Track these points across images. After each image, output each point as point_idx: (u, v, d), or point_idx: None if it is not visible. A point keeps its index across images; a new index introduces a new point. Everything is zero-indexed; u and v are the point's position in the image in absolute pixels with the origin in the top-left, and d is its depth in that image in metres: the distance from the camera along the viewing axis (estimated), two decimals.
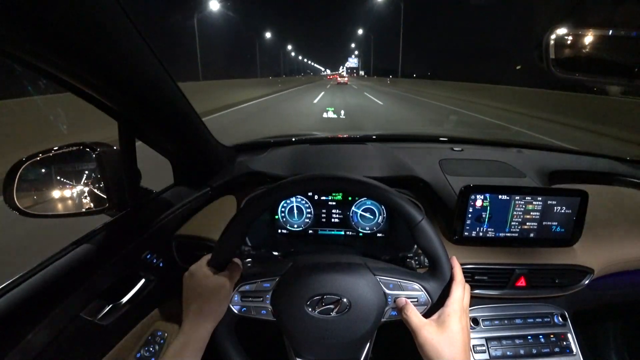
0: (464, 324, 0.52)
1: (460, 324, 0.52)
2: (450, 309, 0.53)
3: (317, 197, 0.96)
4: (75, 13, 0.41)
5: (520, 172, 0.95)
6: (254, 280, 0.58)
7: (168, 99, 0.67)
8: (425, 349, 0.50)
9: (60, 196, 0.70)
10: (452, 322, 0.51)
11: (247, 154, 1.09)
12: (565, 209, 0.76)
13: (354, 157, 1.06)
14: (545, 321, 0.82)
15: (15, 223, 2.39)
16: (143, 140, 0.76)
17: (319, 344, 0.57)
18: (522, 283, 0.80)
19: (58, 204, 0.70)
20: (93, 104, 0.60)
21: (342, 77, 48.03)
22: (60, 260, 0.59)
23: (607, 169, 1.05)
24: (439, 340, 0.50)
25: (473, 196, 0.76)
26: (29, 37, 0.41)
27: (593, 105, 7.65)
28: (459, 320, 0.52)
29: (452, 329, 0.51)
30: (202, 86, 12.00)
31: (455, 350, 0.49)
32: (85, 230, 0.68)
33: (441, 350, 0.49)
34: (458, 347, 0.50)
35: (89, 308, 0.60)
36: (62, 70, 0.49)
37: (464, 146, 1.15)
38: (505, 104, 10.73)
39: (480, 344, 0.79)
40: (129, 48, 0.52)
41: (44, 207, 0.69)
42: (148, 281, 0.74)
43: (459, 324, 0.51)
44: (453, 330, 0.51)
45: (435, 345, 0.50)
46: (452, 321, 0.51)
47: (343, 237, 0.97)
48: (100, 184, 0.72)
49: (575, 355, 0.79)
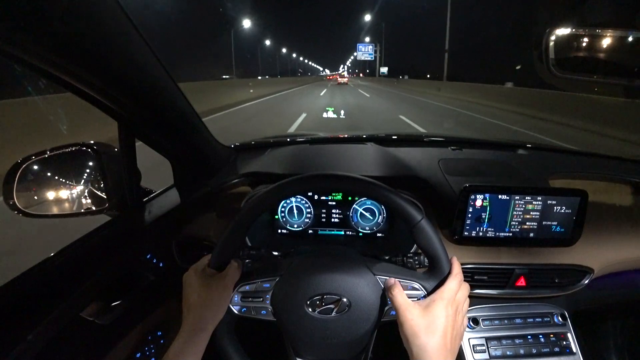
0: (449, 313, 0.51)
1: (446, 311, 0.51)
2: (437, 296, 0.53)
3: (317, 197, 0.96)
4: (75, 13, 0.41)
5: (520, 172, 0.95)
6: (254, 280, 0.58)
7: (168, 99, 0.67)
8: (404, 328, 0.50)
9: (60, 196, 0.70)
10: (437, 307, 0.51)
11: (247, 154, 1.09)
12: (565, 208, 0.76)
13: (354, 157, 1.06)
14: (545, 321, 0.82)
15: (15, 223, 2.39)
16: (143, 140, 0.76)
17: (319, 344, 0.57)
18: (522, 283, 0.80)
19: (58, 204, 0.70)
20: (93, 104, 0.60)
21: (342, 77, 47.99)
22: (60, 260, 0.59)
23: (608, 169, 1.05)
24: (419, 322, 0.50)
25: (473, 196, 0.76)
26: (29, 37, 0.40)
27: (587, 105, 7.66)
28: (444, 308, 0.51)
29: (434, 313, 0.50)
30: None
31: (432, 336, 0.49)
32: (85, 230, 0.68)
33: (418, 331, 0.49)
34: (436, 333, 0.49)
35: (89, 308, 0.60)
36: (63, 70, 0.49)
37: (464, 146, 1.15)
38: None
39: (480, 344, 0.79)
40: (129, 48, 0.52)
41: (44, 207, 0.69)
42: (148, 281, 0.74)
43: (443, 310, 0.51)
44: (434, 315, 0.50)
45: (413, 326, 0.49)
46: (436, 306, 0.51)
47: (343, 237, 0.97)
48: (100, 184, 0.72)
49: (575, 355, 0.79)
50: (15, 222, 2.29)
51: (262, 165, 1.00)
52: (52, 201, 0.70)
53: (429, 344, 0.48)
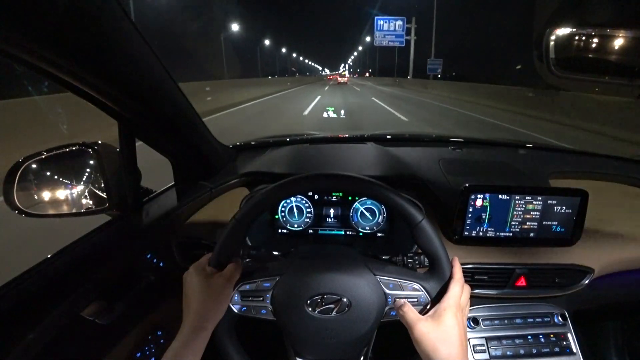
0: (459, 319, 0.52)
1: (456, 319, 0.51)
2: (445, 304, 0.53)
3: (317, 197, 0.96)
4: (75, 13, 0.41)
5: (520, 172, 0.95)
6: (254, 280, 0.58)
7: (168, 99, 0.67)
8: (422, 344, 0.50)
9: (60, 196, 0.70)
10: (447, 317, 0.51)
11: (247, 153, 1.09)
12: (565, 208, 0.76)
13: (354, 157, 1.06)
14: (545, 321, 0.82)
15: (15, 223, 2.39)
16: (143, 140, 0.76)
17: (318, 344, 0.57)
18: (522, 283, 0.80)
19: (58, 204, 0.70)
20: (93, 104, 0.60)
21: (342, 77, 48.04)
22: (60, 260, 0.59)
23: (608, 169, 1.05)
24: (435, 335, 0.50)
25: (473, 196, 0.76)
26: (30, 37, 0.41)
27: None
28: (454, 316, 0.51)
29: (447, 323, 0.51)
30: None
31: (452, 346, 0.49)
32: (85, 230, 0.68)
33: (438, 345, 0.49)
34: (454, 343, 0.49)
35: (89, 308, 0.60)
36: (63, 70, 0.49)
37: (464, 146, 1.15)
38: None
39: (480, 344, 0.79)
40: (129, 48, 0.52)
41: (44, 207, 0.69)
42: (148, 281, 0.74)
43: (453, 318, 0.51)
44: (448, 325, 0.51)
45: (431, 340, 0.50)
46: (447, 316, 0.51)
47: (343, 237, 0.97)
48: (100, 183, 0.72)
49: (575, 355, 0.79)
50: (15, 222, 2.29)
51: (262, 165, 1.00)
52: (53, 201, 0.70)
53: (451, 355, 0.49)
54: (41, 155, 0.67)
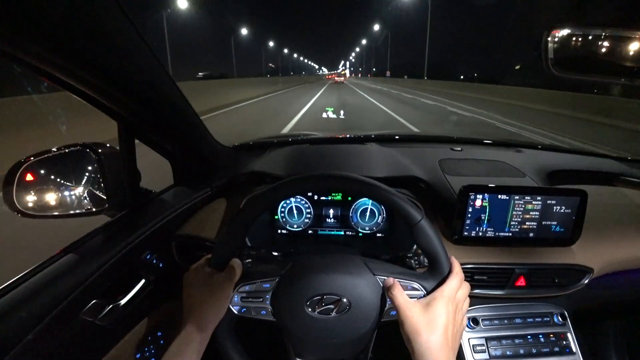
0: (450, 310, 0.51)
1: (446, 309, 0.51)
2: (438, 294, 0.53)
3: (317, 197, 0.96)
4: (74, 13, 0.41)
5: (519, 172, 0.95)
6: (254, 281, 0.58)
7: (168, 100, 0.67)
8: (405, 326, 0.50)
9: (60, 197, 0.70)
10: (438, 305, 0.51)
11: (247, 154, 1.09)
12: (564, 208, 0.76)
13: (354, 157, 1.06)
14: (545, 321, 0.82)
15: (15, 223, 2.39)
16: (143, 141, 0.76)
17: (318, 344, 0.57)
18: (521, 283, 0.80)
19: (58, 205, 0.70)
20: (93, 104, 0.61)
21: (339, 77, 48.32)
22: (60, 261, 0.59)
23: (607, 169, 1.05)
24: (420, 320, 0.50)
25: (472, 196, 0.76)
26: (29, 37, 0.40)
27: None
28: (445, 306, 0.51)
29: (435, 311, 0.50)
30: None
31: (433, 333, 0.49)
32: (85, 230, 0.68)
33: (420, 329, 0.49)
34: (437, 331, 0.49)
35: (89, 308, 0.60)
36: (62, 70, 0.49)
37: (464, 146, 1.15)
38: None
39: (480, 344, 0.79)
40: (128, 48, 0.52)
41: (44, 208, 0.69)
42: (148, 281, 0.74)
43: (444, 308, 0.51)
44: (435, 312, 0.50)
45: (414, 323, 0.49)
46: (437, 304, 0.51)
47: (343, 237, 0.97)
48: (100, 184, 0.72)
49: (575, 354, 0.79)
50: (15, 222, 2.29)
51: (261, 165, 1.00)
52: (52, 201, 0.70)
53: (430, 341, 0.48)
54: (41, 155, 0.67)
